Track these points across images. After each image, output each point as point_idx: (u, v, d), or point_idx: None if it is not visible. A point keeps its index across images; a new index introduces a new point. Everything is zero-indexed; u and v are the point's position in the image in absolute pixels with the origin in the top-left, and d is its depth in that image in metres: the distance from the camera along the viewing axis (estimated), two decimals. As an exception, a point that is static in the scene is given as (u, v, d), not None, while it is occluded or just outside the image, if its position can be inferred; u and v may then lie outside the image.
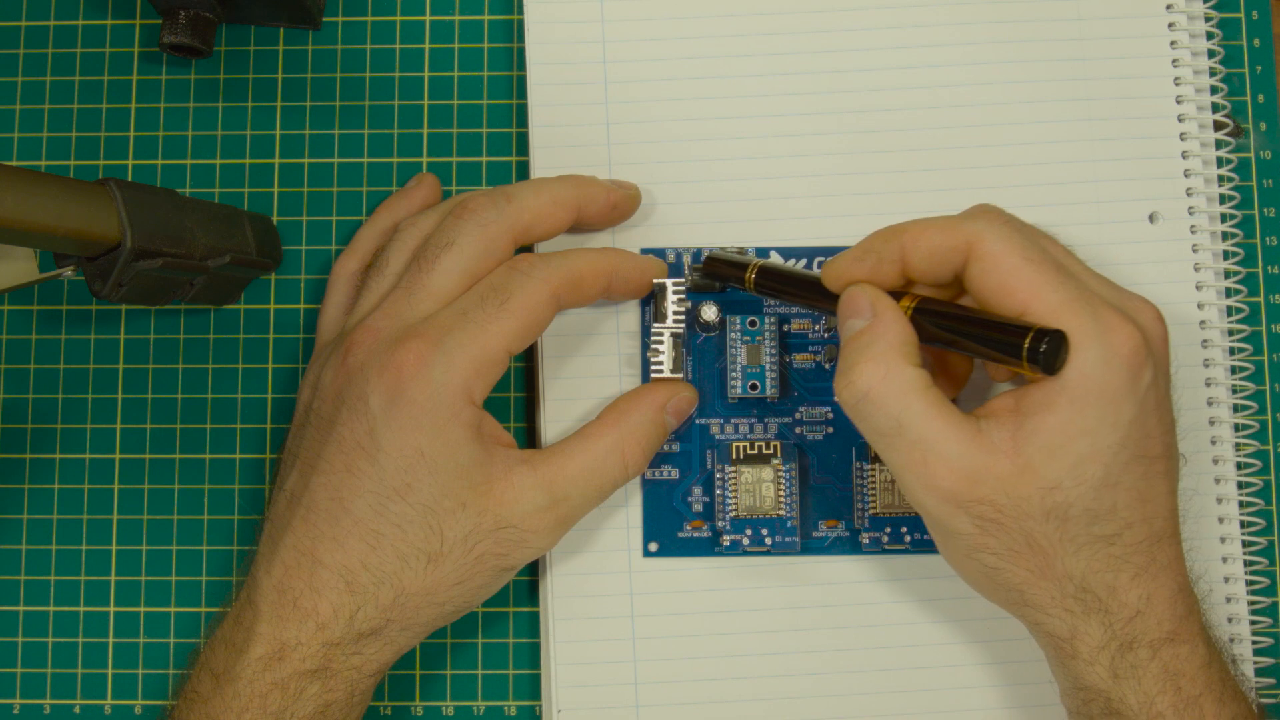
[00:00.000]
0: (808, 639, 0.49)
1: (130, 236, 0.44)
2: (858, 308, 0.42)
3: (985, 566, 0.42)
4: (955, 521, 0.41)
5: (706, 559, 0.50)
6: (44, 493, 0.52)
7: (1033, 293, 0.40)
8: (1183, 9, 0.52)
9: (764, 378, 0.49)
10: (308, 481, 0.45)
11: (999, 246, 0.41)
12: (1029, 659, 0.49)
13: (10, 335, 0.52)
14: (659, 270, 0.49)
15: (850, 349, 0.42)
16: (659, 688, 0.49)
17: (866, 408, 0.41)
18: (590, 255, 0.47)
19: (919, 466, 0.41)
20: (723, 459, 0.49)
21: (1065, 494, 0.40)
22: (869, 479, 0.49)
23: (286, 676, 0.43)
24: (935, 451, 0.40)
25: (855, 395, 0.41)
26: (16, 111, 0.53)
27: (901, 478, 0.42)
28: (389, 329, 0.45)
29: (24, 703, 0.51)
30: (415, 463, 0.43)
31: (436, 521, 0.44)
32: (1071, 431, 0.40)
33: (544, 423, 0.50)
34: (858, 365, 0.41)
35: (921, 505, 0.42)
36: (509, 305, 0.45)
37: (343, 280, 0.50)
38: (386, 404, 0.43)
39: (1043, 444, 0.40)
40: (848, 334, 0.42)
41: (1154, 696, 0.41)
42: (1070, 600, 0.42)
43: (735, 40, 0.52)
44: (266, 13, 0.53)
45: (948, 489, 0.41)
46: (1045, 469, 0.40)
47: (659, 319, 0.48)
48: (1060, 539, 0.41)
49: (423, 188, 0.52)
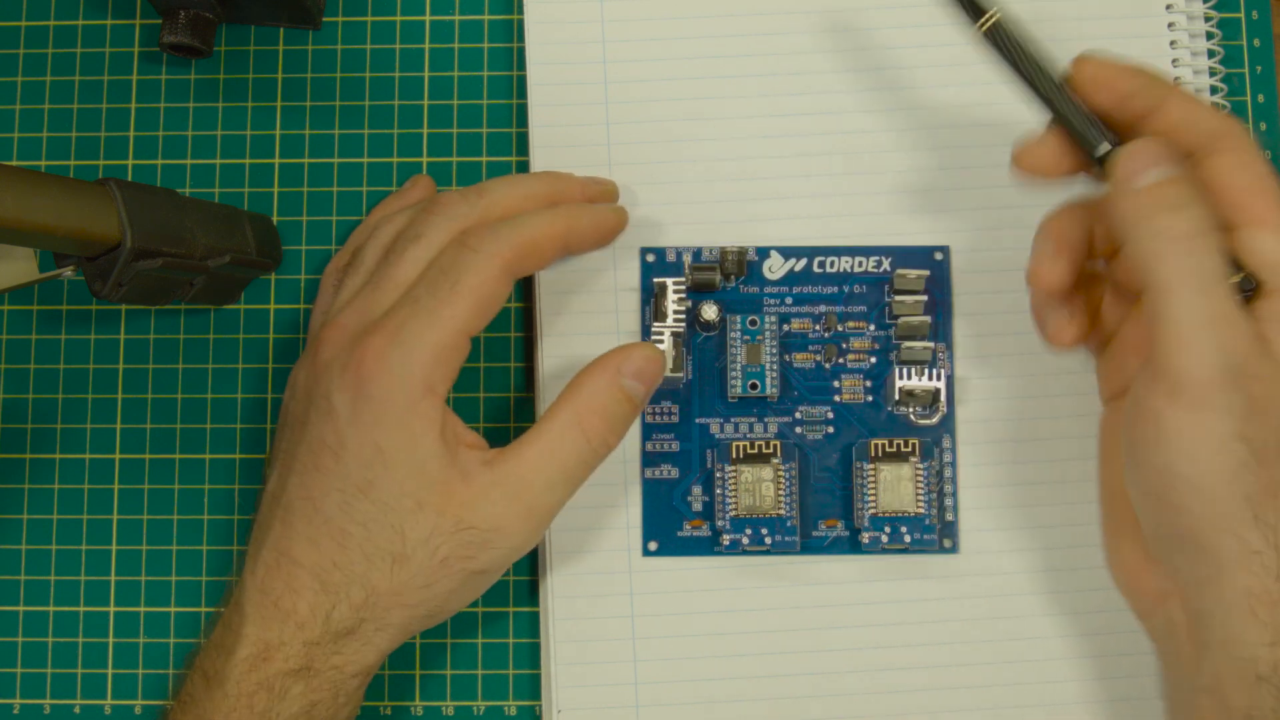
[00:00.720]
0: (808, 639, 0.49)
1: (130, 236, 0.44)
2: (1167, 157, 0.40)
3: (1237, 462, 0.38)
4: (1231, 394, 0.38)
5: (706, 559, 0.50)
6: (44, 493, 0.52)
7: (1273, 212, 0.40)
8: (1183, 9, 0.52)
9: (764, 377, 0.49)
10: (285, 482, 0.45)
11: (1259, 155, 0.40)
12: (1028, 659, 0.49)
13: (10, 335, 0.52)
14: (617, 222, 0.48)
15: (1179, 186, 0.39)
16: (659, 688, 0.49)
17: (1205, 244, 0.38)
18: (543, 218, 0.46)
19: (1223, 320, 0.38)
20: (722, 458, 0.49)
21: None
22: (869, 479, 0.49)
23: (271, 676, 0.43)
24: (1235, 310, 0.38)
25: (1200, 228, 0.38)
26: (16, 111, 0.53)
27: (1195, 333, 0.38)
28: (355, 324, 0.45)
29: (24, 703, 0.51)
30: (374, 459, 0.43)
31: (397, 520, 0.43)
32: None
33: (544, 423, 0.50)
34: (1200, 202, 0.39)
35: (1205, 365, 0.38)
36: (459, 288, 0.43)
37: (331, 279, 0.50)
38: (350, 402, 0.43)
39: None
40: (1154, 177, 0.39)
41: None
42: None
43: (735, 40, 0.52)
44: (266, 13, 0.53)
45: (1242, 351, 0.38)
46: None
47: (659, 318, 0.48)
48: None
49: (418, 189, 0.52)
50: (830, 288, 0.50)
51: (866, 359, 0.50)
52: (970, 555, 0.49)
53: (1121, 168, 0.40)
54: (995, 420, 0.50)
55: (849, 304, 0.50)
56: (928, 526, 0.49)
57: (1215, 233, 0.39)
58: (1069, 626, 0.49)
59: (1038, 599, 0.49)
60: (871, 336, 0.50)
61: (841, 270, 0.50)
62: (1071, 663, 0.49)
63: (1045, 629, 0.49)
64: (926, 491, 0.48)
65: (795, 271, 0.50)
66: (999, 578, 0.49)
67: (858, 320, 0.50)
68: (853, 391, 0.50)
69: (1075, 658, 0.49)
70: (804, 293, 0.50)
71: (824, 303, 0.50)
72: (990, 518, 0.50)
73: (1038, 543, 0.49)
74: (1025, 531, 0.49)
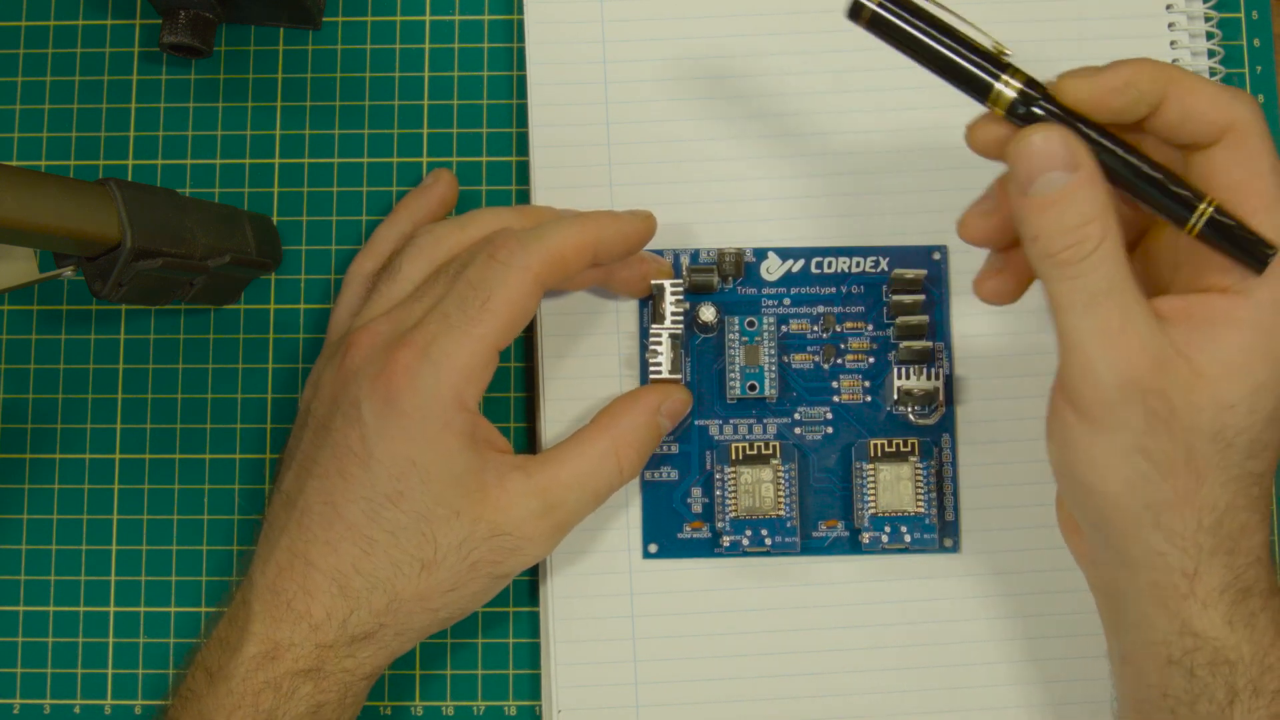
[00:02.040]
0: (808, 639, 0.49)
1: (130, 236, 0.44)
2: (1062, 159, 0.37)
3: (1136, 473, 0.38)
4: (1128, 408, 0.38)
5: (706, 559, 0.50)
6: (44, 493, 0.52)
7: (1265, 202, 0.38)
8: (1183, 9, 0.52)
9: (763, 378, 0.49)
10: (303, 485, 0.45)
11: (1262, 146, 0.38)
12: (1027, 659, 0.49)
13: (10, 335, 0.52)
14: (646, 230, 0.47)
15: (1064, 206, 0.37)
16: (659, 688, 0.49)
17: (1087, 266, 0.37)
18: (572, 228, 0.45)
19: (1116, 335, 0.37)
20: (722, 460, 0.49)
21: (1237, 418, 0.38)
22: (868, 479, 0.49)
23: (279, 676, 0.43)
24: (1133, 323, 0.37)
25: (1081, 253, 0.37)
26: (16, 111, 0.53)
27: (1086, 349, 0.38)
28: (388, 332, 0.45)
29: (24, 703, 0.51)
30: (407, 471, 0.43)
31: (430, 529, 0.43)
32: (1256, 354, 0.38)
33: (544, 423, 0.50)
34: (1085, 224, 0.37)
35: (1097, 382, 0.38)
36: (490, 304, 0.43)
37: (357, 280, 0.50)
38: (378, 413, 0.43)
39: (1223, 358, 0.38)
40: (1045, 188, 0.37)
41: (1267, 648, 0.39)
42: (1204, 534, 0.39)
43: (735, 41, 0.52)
44: (266, 13, 0.53)
45: (1136, 368, 0.37)
46: (1223, 385, 0.38)
47: (657, 320, 0.48)
48: (1217, 464, 0.38)
49: (440, 185, 0.51)
50: (828, 288, 0.50)
51: (865, 359, 0.50)
52: (970, 555, 0.49)
53: (1013, 164, 0.38)
54: (995, 420, 0.50)
55: (847, 304, 0.50)
56: (928, 526, 0.49)
57: (1111, 241, 0.37)
58: (1069, 626, 0.49)
59: (1038, 598, 0.49)
60: (870, 336, 0.50)
61: (839, 271, 0.50)
62: (1072, 662, 0.49)
63: (1045, 629, 0.49)
64: (926, 491, 0.48)
65: (793, 272, 0.50)
66: (999, 577, 0.49)
67: (856, 321, 0.50)
68: (851, 392, 0.50)
69: (1076, 658, 0.49)
70: (802, 293, 0.50)
71: (822, 303, 0.50)
72: (990, 517, 0.50)
73: (1038, 543, 0.49)
74: (1025, 531, 0.49)
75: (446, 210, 0.51)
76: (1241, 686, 0.39)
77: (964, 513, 0.50)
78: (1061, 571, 0.49)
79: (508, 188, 0.53)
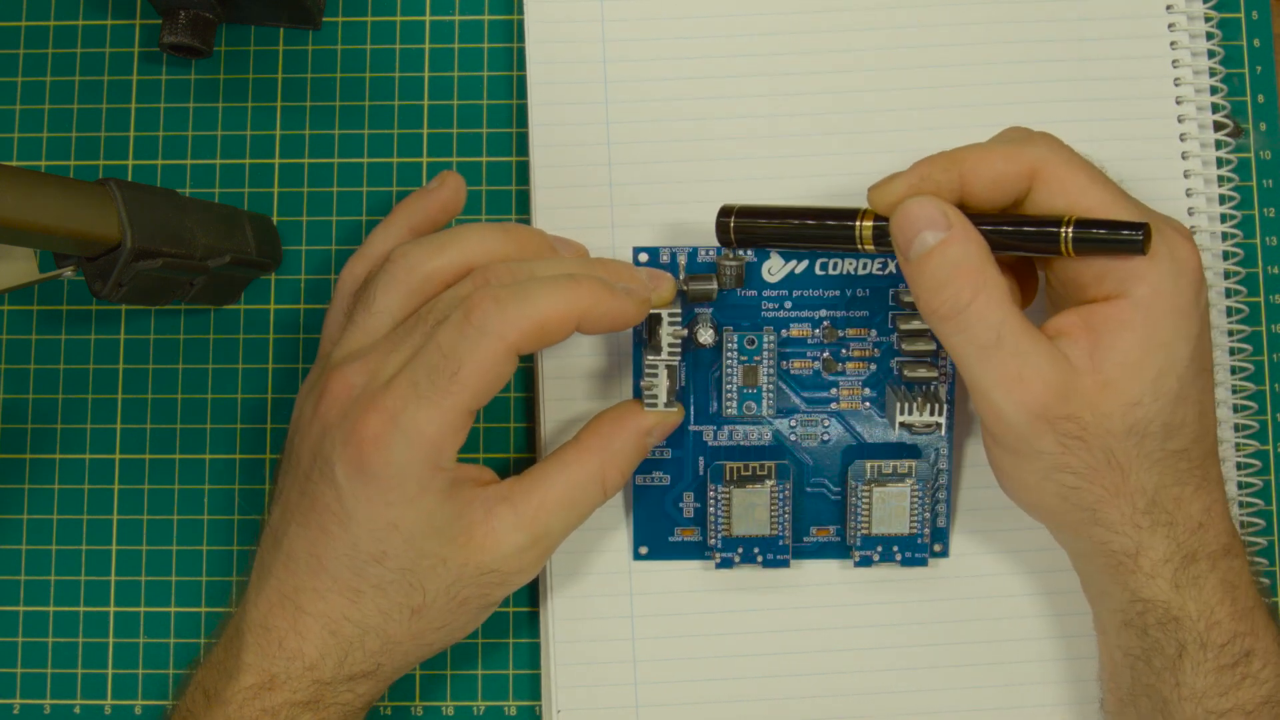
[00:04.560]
0: (805, 640, 0.49)
1: (130, 236, 0.44)
2: (930, 220, 0.41)
3: (1064, 487, 0.42)
4: (1041, 440, 0.41)
5: (703, 562, 0.50)
6: (44, 493, 0.52)
7: (1105, 210, 0.41)
8: (1183, 9, 0.52)
9: (760, 399, 0.48)
10: (287, 527, 0.44)
11: (1065, 170, 0.41)
12: (1025, 659, 0.49)
13: (10, 335, 0.52)
14: (637, 314, 0.44)
15: (936, 262, 0.40)
16: (659, 688, 0.49)
17: (967, 319, 0.40)
18: (558, 297, 0.42)
19: (1013, 381, 0.40)
20: (715, 479, 0.48)
21: (1145, 409, 0.41)
22: (863, 500, 0.48)
23: (277, 705, 0.43)
24: (1030, 365, 0.40)
25: (957, 307, 0.40)
26: (16, 111, 0.53)
27: (989, 396, 0.41)
28: (360, 383, 0.43)
29: (24, 703, 0.51)
30: (389, 533, 0.42)
31: (417, 580, 0.43)
32: (1150, 346, 0.40)
33: (544, 423, 0.50)
34: (957, 277, 0.40)
35: (1007, 424, 0.41)
36: (460, 376, 0.41)
37: (348, 287, 0.48)
38: (351, 477, 0.42)
39: (1121, 360, 0.40)
40: (920, 249, 0.41)
41: (1213, 605, 0.42)
42: (1141, 516, 0.42)
43: (735, 40, 0.52)
44: (266, 13, 0.53)
45: (1041, 404, 0.40)
46: (1126, 385, 0.40)
47: (654, 351, 0.46)
48: (1138, 454, 0.41)
49: (445, 189, 0.49)
50: (832, 291, 0.49)
51: (867, 366, 0.49)
52: (960, 558, 0.50)
53: (894, 233, 0.42)
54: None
55: (851, 308, 0.49)
56: (920, 545, 0.48)
57: (988, 293, 0.40)
58: (1060, 628, 0.49)
59: (1028, 601, 0.49)
60: (873, 343, 0.49)
61: (844, 272, 0.49)
62: (1063, 664, 0.49)
63: (1036, 630, 0.49)
64: (920, 511, 0.48)
65: (795, 274, 0.49)
66: (989, 579, 0.50)
67: (859, 326, 0.49)
68: (850, 400, 0.49)
69: (1066, 659, 0.49)
70: (804, 296, 0.49)
71: (825, 307, 0.49)
72: (980, 520, 0.50)
73: (1027, 545, 0.49)
74: (1014, 534, 0.50)
75: (449, 217, 0.50)
76: (1189, 641, 0.42)
77: (958, 515, 0.50)
78: (1054, 573, 0.49)
79: (508, 188, 0.53)
